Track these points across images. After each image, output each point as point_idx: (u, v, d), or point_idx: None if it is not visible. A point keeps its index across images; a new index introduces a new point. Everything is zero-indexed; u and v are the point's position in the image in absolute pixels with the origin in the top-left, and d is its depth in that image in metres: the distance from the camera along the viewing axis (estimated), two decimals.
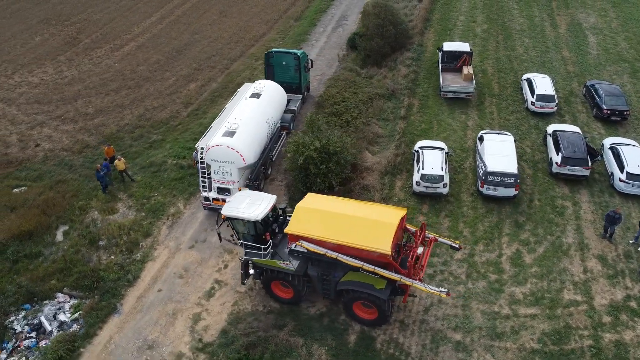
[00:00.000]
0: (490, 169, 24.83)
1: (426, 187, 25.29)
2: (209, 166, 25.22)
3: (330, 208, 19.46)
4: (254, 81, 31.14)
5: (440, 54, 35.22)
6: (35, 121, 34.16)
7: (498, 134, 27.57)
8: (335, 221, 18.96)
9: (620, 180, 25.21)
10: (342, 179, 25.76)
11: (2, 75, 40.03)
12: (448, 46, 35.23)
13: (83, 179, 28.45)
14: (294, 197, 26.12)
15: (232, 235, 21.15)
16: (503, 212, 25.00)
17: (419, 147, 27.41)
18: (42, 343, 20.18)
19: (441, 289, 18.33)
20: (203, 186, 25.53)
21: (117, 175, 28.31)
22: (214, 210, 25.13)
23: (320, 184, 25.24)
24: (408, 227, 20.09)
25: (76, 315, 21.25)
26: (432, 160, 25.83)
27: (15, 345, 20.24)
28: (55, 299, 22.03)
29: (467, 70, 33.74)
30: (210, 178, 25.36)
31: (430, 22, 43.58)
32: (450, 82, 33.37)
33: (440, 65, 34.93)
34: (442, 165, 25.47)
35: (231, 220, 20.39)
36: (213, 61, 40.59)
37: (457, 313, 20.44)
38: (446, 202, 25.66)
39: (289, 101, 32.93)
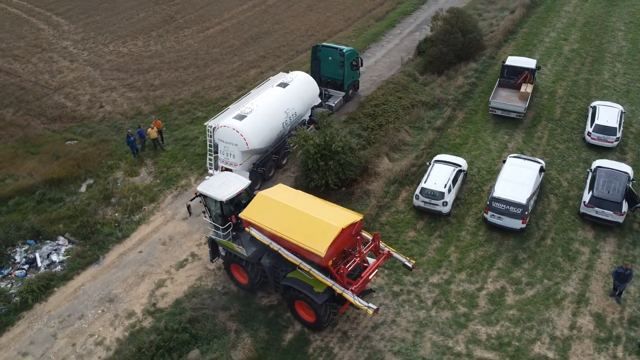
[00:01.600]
0: (496, 194, 22.50)
1: (424, 202, 23.66)
2: (216, 145, 26.06)
3: (287, 201, 19.10)
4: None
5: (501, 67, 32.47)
6: (109, 86, 37.82)
7: (526, 159, 24.79)
8: (286, 214, 18.59)
9: None
10: (341, 180, 25.07)
11: (100, 44, 44.87)
12: (511, 60, 32.37)
13: (123, 141, 30.92)
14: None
15: (203, 212, 21.74)
16: (504, 244, 22.53)
17: (435, 160, 25.68)
18: (29, 276, 22.51)
19: (370, 305, 17.15)
20: (210, 164, 26.48)
21: (150, 142, 30.39)
22: None
23: (317, 181, 24.85)
24: (365, 234, 19.01)
25: (64, 258, 23.36)
26: (438, 175, 24.08)
27: (9, 272, 22.81)
28: (56, 241, 24.38)
29: (525, 88, 30.74)
30: (217, 157, 26.22)
31: (514, 35, 40.28)
32: (502, 99, 30.67)
33: (498, 79, 32.24)
34: (447, 182, 23.61)
35: (204, 197, 20.95)
36: (281, 51, 41.56)
37: (405, 338, 18.95)
38: (445, 223, 23.77)
39: (329, 97, 32.78)
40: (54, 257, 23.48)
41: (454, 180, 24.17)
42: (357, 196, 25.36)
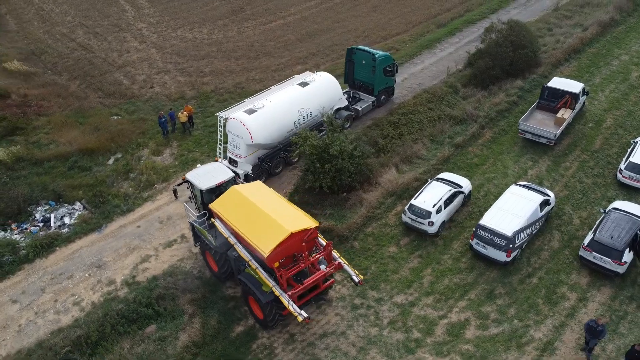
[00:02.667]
0: (483, 222, 21.32)
1: (411, 219, 22.99)
2: (226, 136, 27.08)
3: (254, 199, 19.53)
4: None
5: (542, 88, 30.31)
6: (165, 69, 40.38)
7: (530, 189, 23.10)
8: (248, 211, 19.06)
9: None
10: (337, 184, 25.01)
11: (170, 28, 47.89)
12: (555, 82, 30.11)
13: (157, 121, 33.00)
14: (298, 189, 26.44)
15: (189, 197, 22.85)
16: (485, 275, 21.32)
17: (437, 178, 24.81)
18: (41, 233, 25.04)
19: (302, 312, 17.17)
20: (219, 152, 27.59)
21: (180, 126, 32.18)
22: None
23: (312, 182, 25.04)
24: (322, 241, 18.98)
25: (74, 222, 25.66)
26: (431, 193, 23.27)
27: (27, 227, 25.51)
28: (72, 205, 26.81)
29: (563, 114, 28.52)
30: (226, 147, 27.26)
31: (579, 54, 37.26)
32: (534, 122, 28.71)
33: (537, 101, 30.19)
34: (437, 202, 22.74)
35: (190, 183, 22.07)
36: (331, 50, 41.77)
37: (349, 352, 18.75)
38: (430, 243, 22.95)
39: (358, 100, 32.59)
40: (66, 220, 25.86)
41: (448, 201, 23.19)
42: (351, 203, 25.19)
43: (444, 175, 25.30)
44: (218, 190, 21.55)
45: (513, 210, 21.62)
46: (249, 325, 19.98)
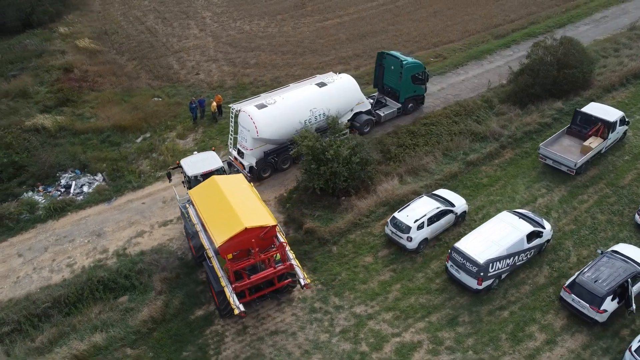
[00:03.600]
0: (457, 244, 20.44)
1: (392, 231, 22.54)
2: (238, 127, 28.00)
3: (227, 190, 20.10)
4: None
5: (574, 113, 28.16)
6: (214, 57, 42.20)
7: (522, 217, 21.70)
8: (218, 201, 19.74)
9: None
10: (330, 187, 25.04)
11: (231, 19, 49.84)
12: (591, 107, 27.88)
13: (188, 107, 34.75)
14: (299, 187, 26.79)
15: (182, 181, 24.05)
16: (454, 300, 20.47)
17: (432, 193, 24.09)
18: (59, 197, 27.46)
19: (240, 306, 17.61)
20: (230, 142, 28.57)
21: (210, 113, 33.63)
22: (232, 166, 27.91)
23: (306, 182, 25.28)
24: (280, 239, 19.26)
25: (91, 191, 27.85)
26: (417, 208, 22.63)
27: (50, 190, 28.08)
28: (94, 176, 29.08)
29: (591, 142, 26.41)
30: (236, 138, 28.19)
31: (639, 79, 34.08)
32: (557, 148, 26.83)
33: (568, 126, 28.15)
34: (420, 218, 22.09)
35: (182, 168, 23.29)
36: (376, 53, 41.33)
37: (293, 353, 18.93)
38: (408, 259, 22.38)
39: (383, 105, 32.19)
40: (85, 188, 28.14)
41: (434, 219, 22.44)
42: (343, 207, 25.14)
43: (439, 191, 24.48)
44: (205, 178, 22.46)
45: (494, 237, 20.51)
46: (209, 311, 20.73)
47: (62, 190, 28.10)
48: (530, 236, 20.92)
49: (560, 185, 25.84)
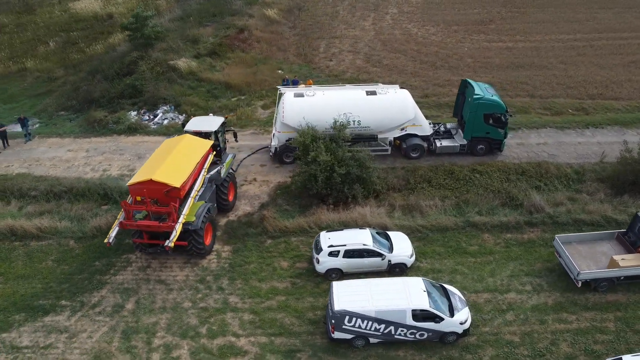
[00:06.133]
0: (336, 283, 18.73)
1: (312, 247, 21.68)
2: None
3: (181, 147, 22.56)
4: None
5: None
6: (357, 50, 43.39)
7: (434, 295, 18.23)
8: (166, 152, 22.30)
9: None
10: (306, 188, 25.01)
11: (410, 19, 49.86)
12: None
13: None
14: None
15: None
16: (312, 338, 19.03)
17: (384, 232, 22.14)
18: (144, 121, 33.74)
19: (111, 237, 20.24)
20: (274, 122, 30.19)
21: None
22: None
23: (295, 176, 25.78)
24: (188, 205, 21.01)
25: (166, 124, 33.44)
26: (345, 236, 21.31)
27: (147, 115, 34.65)
28: (179, 115, 34.56)
29: (625, 259, 19.85)
30: None
31: None
32: (583, 249, 20.94)
33: (621, 231, 21.45)
34: (337, 247, 20.73)
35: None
36: (512, 86, 36.68)
37: (156, 303, 20.71)
38: (315, 280, 21.35)
39: (449, 137, 29.28)
40: (165, 122, 33.87)
41: (353, 253, 20.70)
42: (312, 212, 24.78)
43: (394, 233, 22.10)
44: (198, 136, 25.15)
45: (376, 294, 18.08)
46: (185, 262, 22.79)
47: (152, 117, 34.38)
48: (421, 316, 17.69)
49: (554, 293, 20.33)
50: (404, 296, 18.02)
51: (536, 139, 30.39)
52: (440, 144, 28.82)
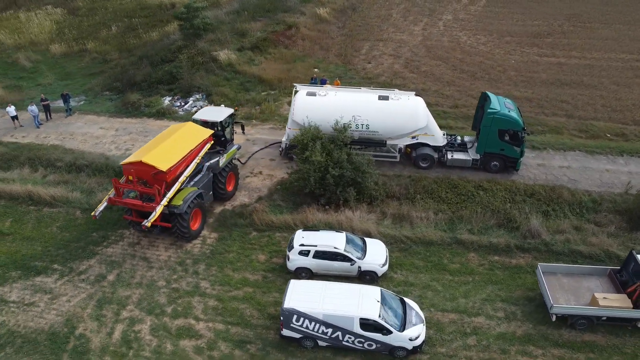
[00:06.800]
0: (294, 281, 18.81)
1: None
2: None
3: (181, 134, 23.58)
4: None
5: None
6: (398, 54, 42.83)
7: (388, 306, 17.82)
8: (166, 137, 23.44)
9: None
10: (300, 186, 25.23)
11: (462, 27, 48.37)
12: None
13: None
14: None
15: None
16: (266, 334, 19.27)
17: (361, 236, 21.91)
18: (174, 107, 35.37)
19: (97, 211, 21.53)
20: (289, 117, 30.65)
21: None
22: None
23: (292, 173, 26.12)
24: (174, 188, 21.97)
25: (192, 110, 34.86)
26: (318, 237, 21.27)
27: (179, 101, 36.29)
28: (208, 103, 35.91)
29: (607, 298, 18.37)
30: None
31: None
32: (566, 282, 19.60)
33: (613, 269, 19.83)
34: (307, 247, 20.76)
35: None
36: (551, 104, 34.72)
37: (134, 278, 21.84)
38: (285, 276, 21.47)
39: (462, 150, 28.32)
40: (194, 109, 35.27)
41: (323, 255, 20.66)
42: (302, 209, 24.94)
43: (372, 240, 21.86)
44: (204, 124, 26.08)
45: (329, 297, 18.01)
46: (170, 243, 24.09)
47: (183, 103, 35.96)
48: (369, 325, 17.41)
49: (526, 323, 19.19)
50: (355, 303, 17.80)
51: (560, 161, 28.61)
52: (452, 156, 27.91)
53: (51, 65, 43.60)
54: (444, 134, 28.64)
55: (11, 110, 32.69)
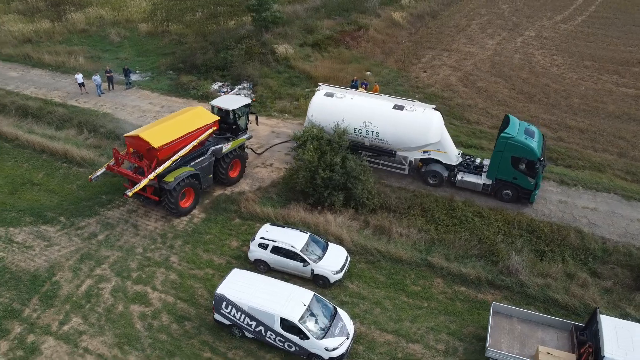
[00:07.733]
0: (236, 270, 19.38)
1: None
2: None
3: (187, 117, 25.31)
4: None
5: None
6: (459, 67, 41.16)
7: (317, 313, 17.69)
8: (171, 118, 25.39)
9: None
10: (292, 183, 25.61)
11: (540, 45, 45.19)
12: (609, 322, 16.61)
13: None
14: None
15: None
16: (203, 316, 20.08)
17: (325, 240, 21.90)
18: (213, 89, 37.28)
19: (96, 174, 23.63)
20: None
21: None
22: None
23: (289, 176, 26.60)
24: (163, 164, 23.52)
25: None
26: (282, 233, 21.55)
27: (226, 85, 38.20)
28: (253, 93, 37.36)
29: (551, 354, 16.65)
30: None
31: None
32: (507, 323, 18.07)
33: (579, 326, 17.82)
34: (268, 241, 21.18)
35: None
36: (604, 140, 31.46)
37: (122, 246, 23.70)
38: (246, 264, 22.09)
39: (476, 172, 26.90)
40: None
41: (280, 251, 20.94)
42: (292, 205, 25.31)
43: (336, 247, 21.71)
44: (218, 111, 27.49)
45: (262, 290, 18.38)
46: (160, 217, 26.02)
47: (229, 90, 37.78)
48: (288, 326, 17.48)
49: None
50: (281, 302, 17.94)
51: (587, 201, 25.96)
52: (462, 177, 26.55)
53: (135, 42, 47.81)
54: (458, 153, 27.31)
55: (79, 77, 36.65)
